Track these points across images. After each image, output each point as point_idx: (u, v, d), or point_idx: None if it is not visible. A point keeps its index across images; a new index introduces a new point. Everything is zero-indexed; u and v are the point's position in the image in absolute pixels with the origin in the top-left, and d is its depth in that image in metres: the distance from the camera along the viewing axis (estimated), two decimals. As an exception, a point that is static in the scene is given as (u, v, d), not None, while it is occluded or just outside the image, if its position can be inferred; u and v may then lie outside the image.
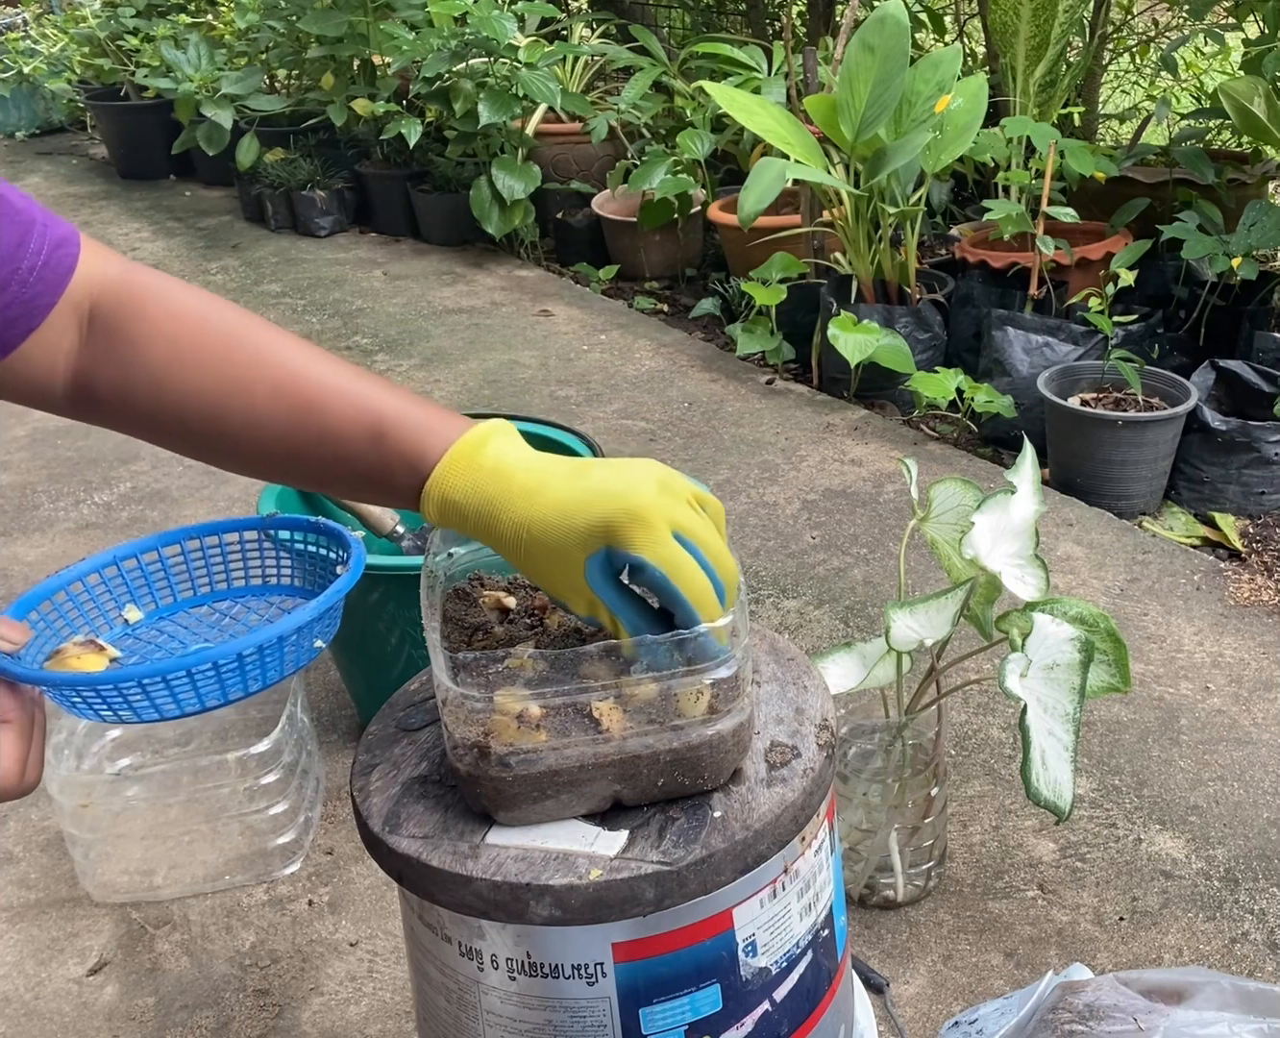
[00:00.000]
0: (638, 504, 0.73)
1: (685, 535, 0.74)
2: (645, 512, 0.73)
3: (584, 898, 0.71)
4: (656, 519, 0.73)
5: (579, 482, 0.75)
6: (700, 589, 0.73)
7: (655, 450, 2.75)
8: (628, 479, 0.75)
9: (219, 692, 0.74)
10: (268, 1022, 1.42)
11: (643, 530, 0.72)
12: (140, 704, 0.73)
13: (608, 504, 0.73)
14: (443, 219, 4.29)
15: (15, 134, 6.43)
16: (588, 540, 0.73)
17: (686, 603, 0.73)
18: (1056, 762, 1.20)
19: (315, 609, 0.76)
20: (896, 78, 2.68)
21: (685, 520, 0.74)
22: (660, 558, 0.72)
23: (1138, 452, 2.40)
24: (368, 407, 0.78)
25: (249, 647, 0.73)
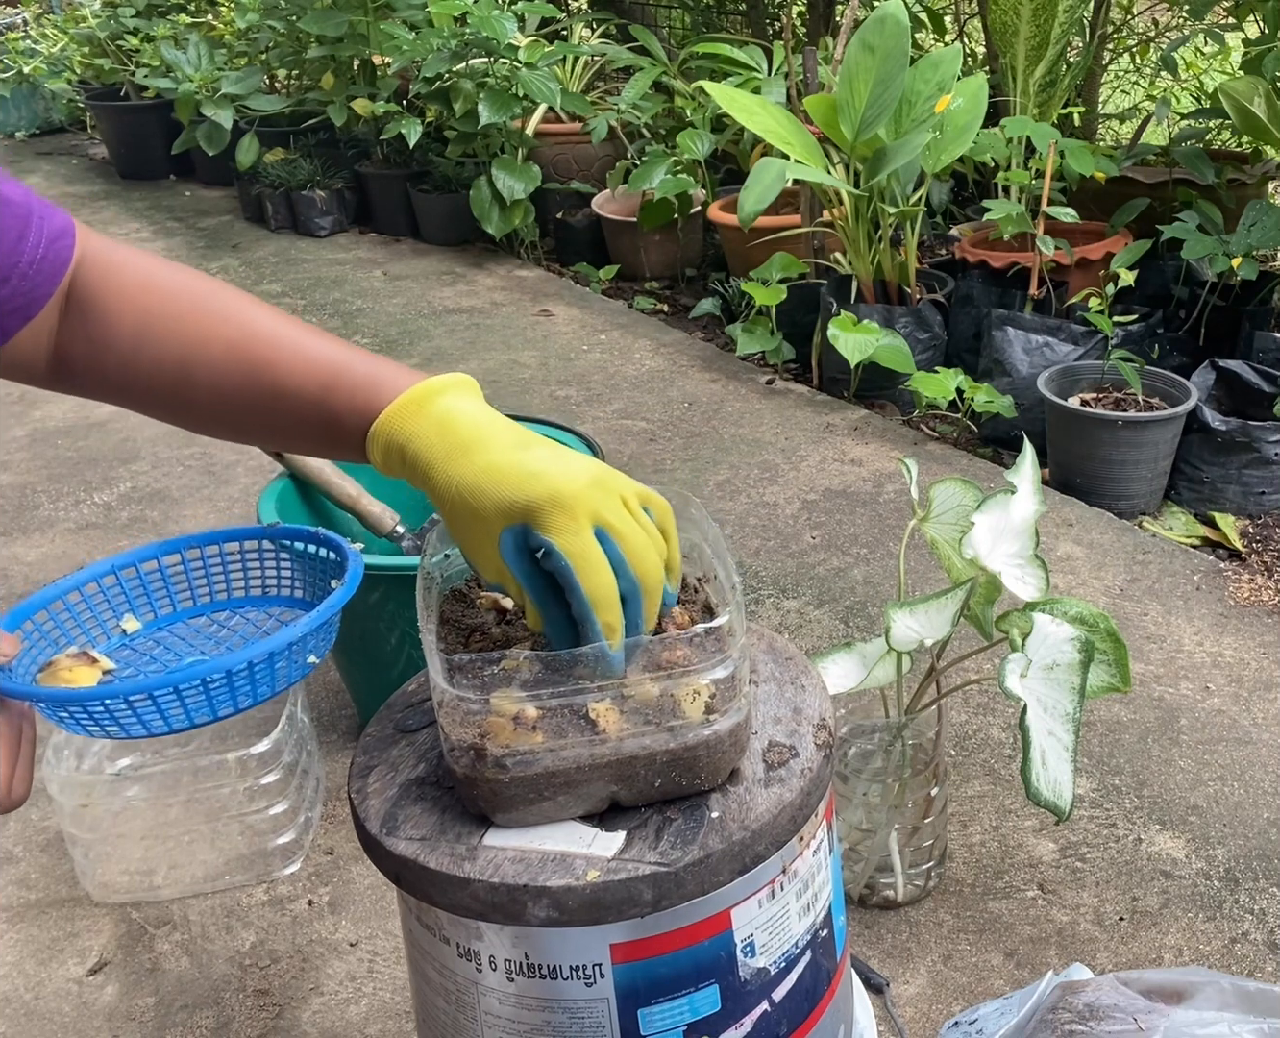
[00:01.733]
0: (563, 490, 0.72)
1: (608, 532, 0.73)
2: (568, 499, 0.72)
3: (581, 899, 0.71)
4: (578, 509, 0.72)
5: (517, 454, 0.74)
6: (602, 589, 0.72)
7: (655, 450, 2.75)
8: (564, 464, 0.74)
9: (208, 709, 0.74)
10: (268, 1022, 1.42)
11: (560, 516, 0.72)
12: (128, 721, 0.72)
13: (535, 483, 0.72)
14: (443, 219, 4.29)
15: (15, 134, 6.43)
16: (508, 512, 0.72)
17: (584, 599, 0.72)
18: (1056, 762, 1.19)
19: (307, 625, 0.75)
20: (896, 78, 2.68)
21: (611, 517, 0.73)
22: (569, 548, 0.71)
23: (1138, 452, 2.40)
24: (321, 357, 0.80)
25: (239, 663, 0.73)
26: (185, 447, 2.83)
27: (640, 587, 0.74)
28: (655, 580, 0.75)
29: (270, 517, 1.69)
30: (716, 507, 2.47)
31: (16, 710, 0.72)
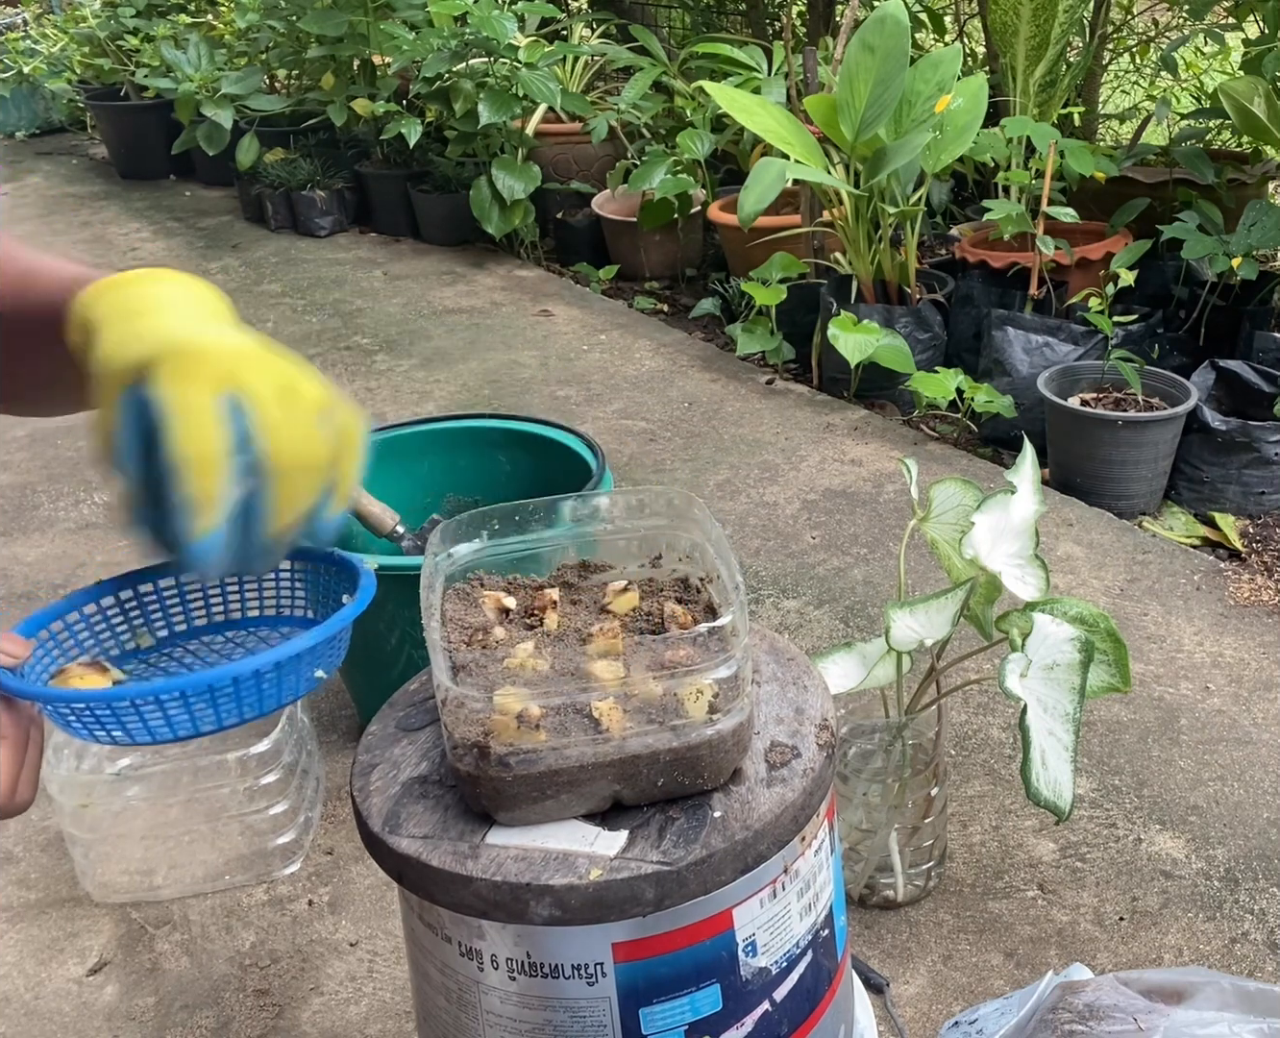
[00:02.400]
0: (194, 344, 0.60)
1: (243, 399, 0.60)
2: (194, 351, 0.60)
3: (584, 898, 0.71)
4: (203, 365, 0.60)
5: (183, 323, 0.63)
6: (197, 445, 0.58)
7: (655, 450, 2.75)
8: (210, 332, 0.63)
9: (213, 717, 0.73)
10: (268, 1022, 1.42)
11: (177, 367, 0.59)
12: (133, 725, 0.72)
13: (168, 336, 0.61)
14: (443, 219, 4.29)
15: (15, 134, 6.43)
16: (129, 368, 0.61)
17: (172, 456, 0.58)
18: (1056, 762, 1.20)
19: (313, 637, 0.74)
20: (896, 78, 2.68)
21: (252, 382, 0.60)
22: (170, 397, 0.59)
23: (1138, 452, 2.40)
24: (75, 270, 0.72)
25: (245, 672, 0.72)
26: (185, 446, 2.83)
27: (271, 467, 0.60)
28: (294, 458, 0.61)
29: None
30: (717, 507, 2.47)
31: (25, 715, 0.72)
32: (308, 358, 3.55)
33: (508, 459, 1.91)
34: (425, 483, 1.92)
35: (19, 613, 2.21)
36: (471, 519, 0.87)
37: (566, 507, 0.88)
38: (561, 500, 0.88)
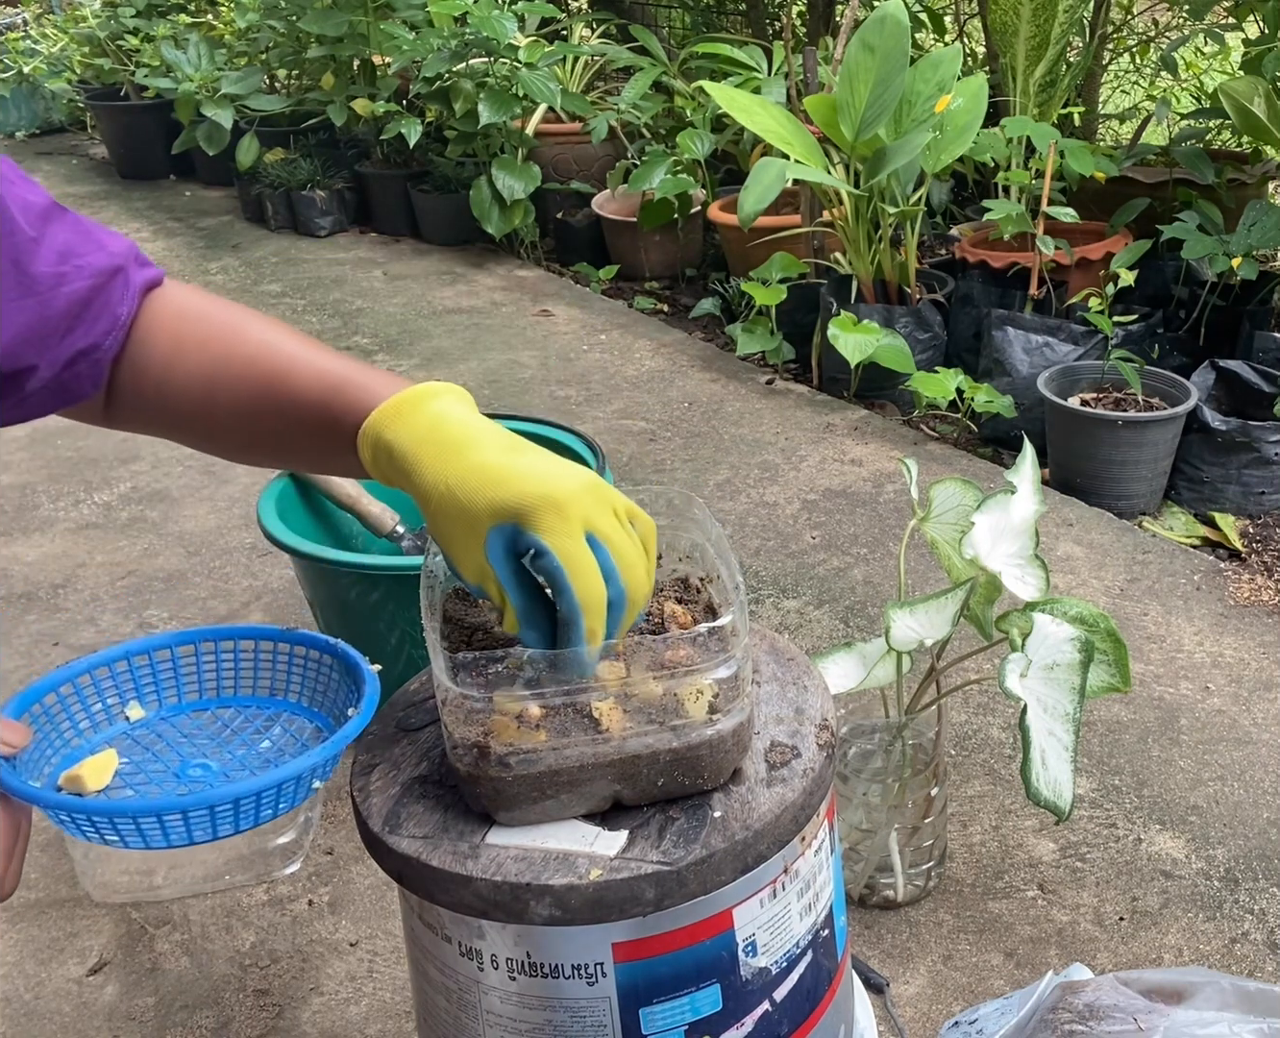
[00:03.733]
0: (558, 492, 0.71)
1: (599, 538, 0.72)
2: (563, 502, 0.71)
3: (584, 898, 0.71)
4: (572, 513, 0.71)
5: (509, 456, 0.74)
6: (593, 593, 0.71)
7: (655, 450, 2.75)
8: (557, 468, 0.74)
9: (209, 830, 0.74)
10: (268, 1022, 1.42)
11: (554, 517, 0.71)
12: (129, 835, 0.72)
13: (529, 485, 0.72)
14: (443, 219, 4.29)
15: (15, 134, 6.43)
16: (499, 511, 0.71)
17: (574, 602, 0.71)
18: (1056, 762, 1.20)
19: (318, 756, 0.76)
20: (896, 78, 2.68)
21: (602, 524, 0.73)
22: (562, 549, 0.71)
23: (1138, 452, 2.40)
24: (329, 367, 0.81)
25: (246, 793, 0.73)
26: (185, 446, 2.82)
27: (627, 596, 0.73)
28: (643, 593, 0.74)
29: (270, 517, 1.69)
30: (716, 507, 2.47)
31: (19, 806, 0.73)
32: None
33: (508, 459, 1.90)
34: (425, 483, 1.91)
35: (18, 613, 2.21)
36: (472, 519, 0.87)
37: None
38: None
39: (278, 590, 2.25)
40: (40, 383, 0.79)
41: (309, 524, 1.81)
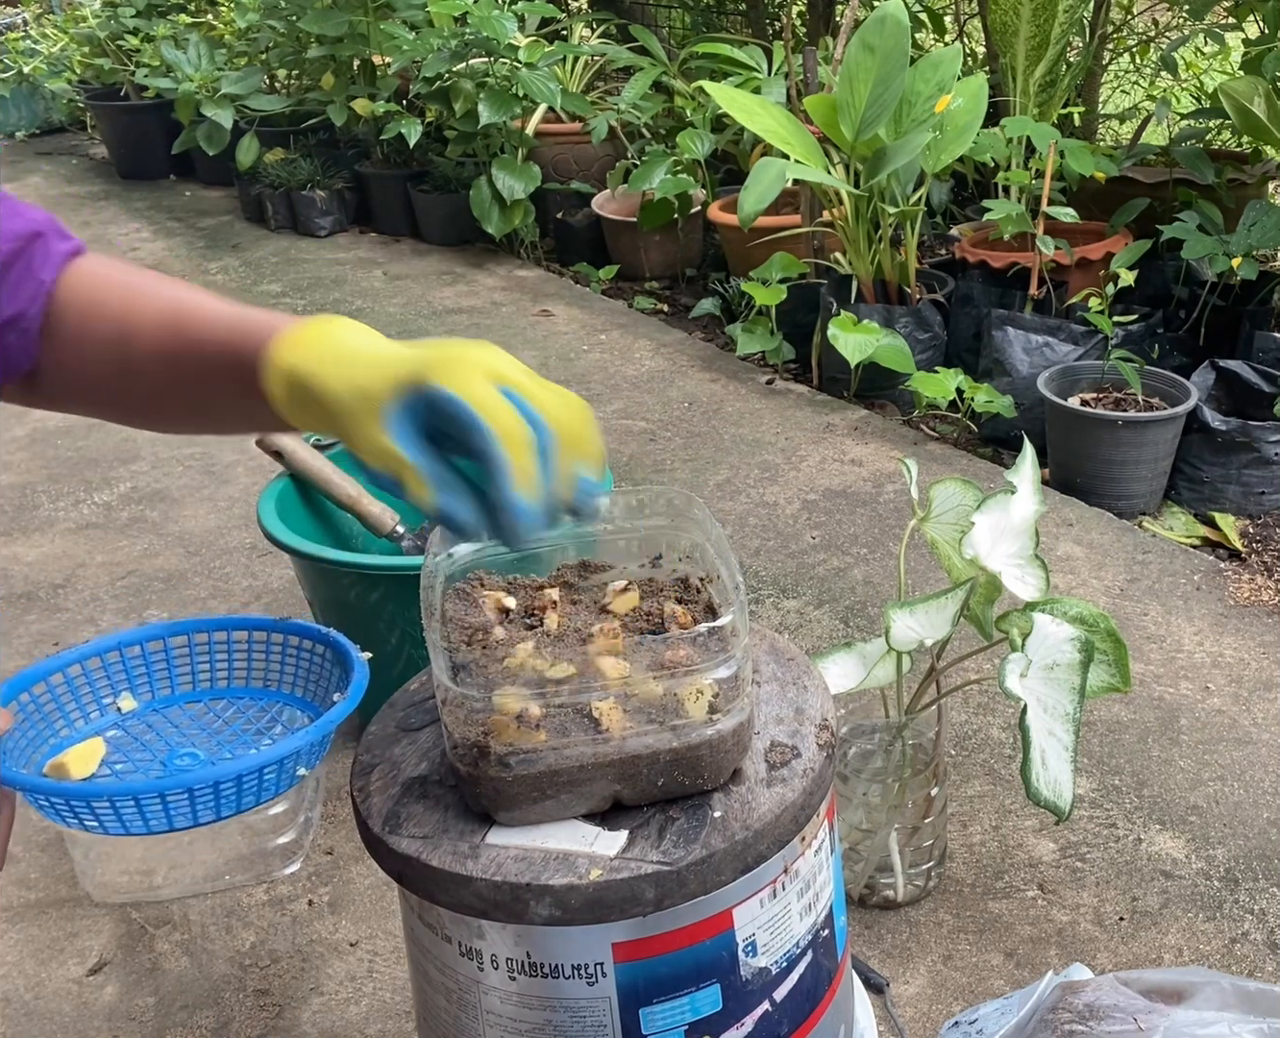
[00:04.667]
0: (456, 349, 0.69)
1: (512, 388, 0.68)
2: (461, 355, 0.69)
3: (584, 898, 0.71)
4: (473, 362, 0.68)
5: (411, 346, 0.71)
6: (511, 426, 0.66)
7: (655, 450, 2.75)
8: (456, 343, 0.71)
9: (189, 815, 0.73)
10: (268, 1022, 1.42)
11: (454, 368, 0.68)
12: (109, 820, 0.72)
13: (426, 350, 0.69)
14: (443, 219, 4.29)
15: (15, 134, 6.42)
16: (399, 383, 0.68)
17: (494, 439, 0.66)
18: (1056, 762, 1.20)
19: (300, 740, 0.75)
20: (896, 78, 2.68)
21: (515, 374, 0.69)
22: (467, 391, 0.66)
23: (1138, 452, 2.40)
24: (233, 312, 0.78)
25: (227, 777, 0.72)
26: (185, 447, 2.83)
27: (555, 435, 0.69)
28: (571, 431, 0.70)
29: (270, 517, 1.69)
30: (717, 507, 2.47)
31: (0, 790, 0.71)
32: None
33: (508, 459, 1.91)
34: (425, 483, 1.91)
35: (18, 613, 2.21)
36: (472, 519, 0.86)
37: (566, 507, 0.88)
38: (561, 500, 0.88)
39: (278, 590, 2.25)
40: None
41: (309, 524, 1.81)
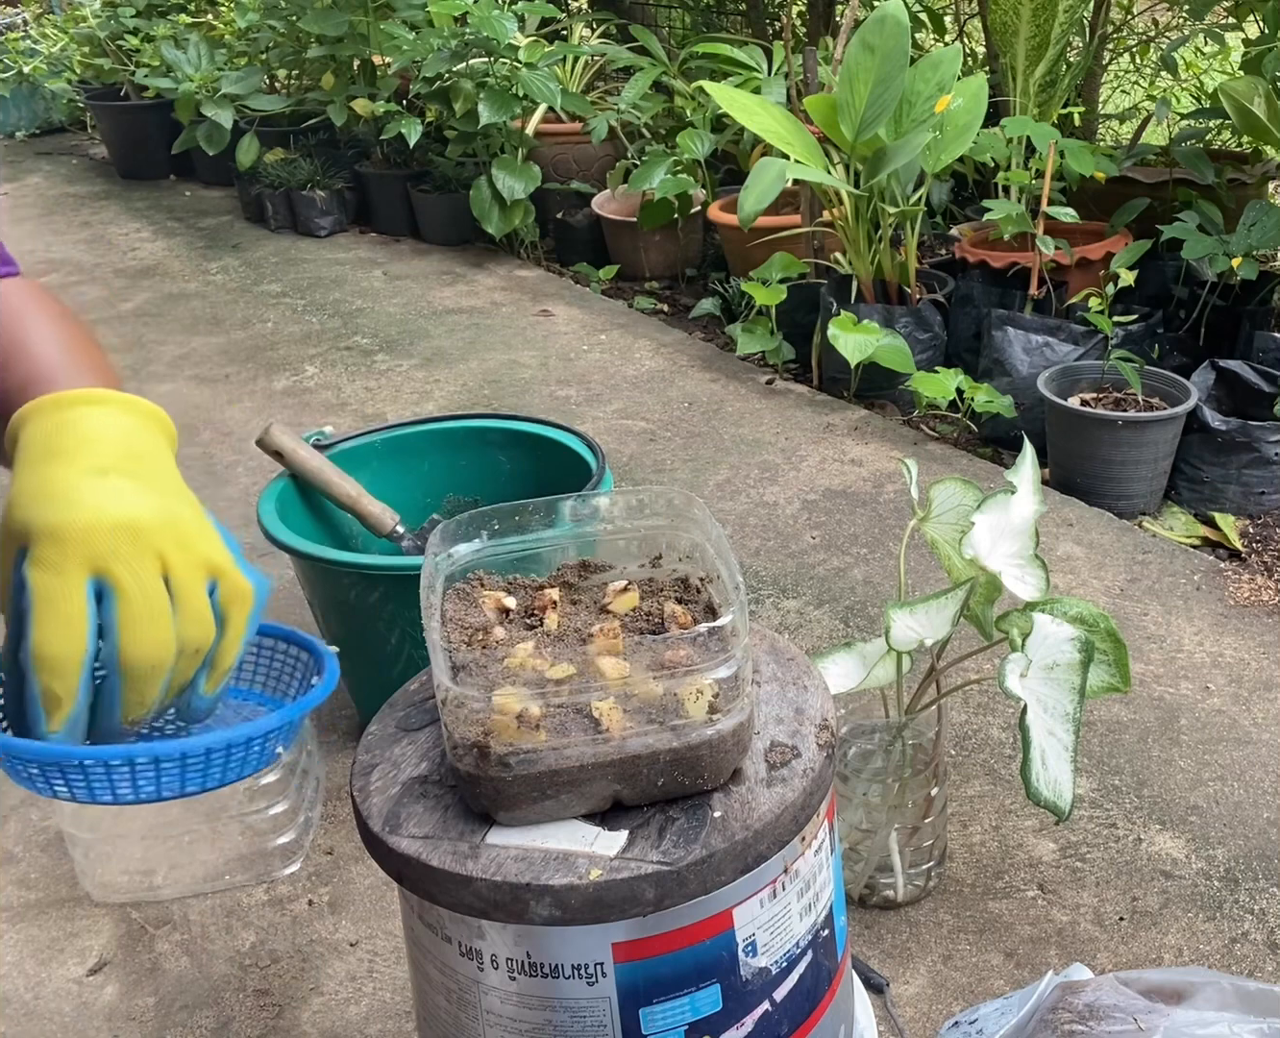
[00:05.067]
0: (69, 520, 0.60)
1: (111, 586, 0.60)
2: (67, 530, 0.60)
3: (584, 898, 0.71)
4: (73, 546, 0.60)
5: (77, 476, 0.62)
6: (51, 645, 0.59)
7: (655, 450, 2.75)
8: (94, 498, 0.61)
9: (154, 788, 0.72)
10: (268, 1022, 1.42)
11: (50, 548, 0.59)
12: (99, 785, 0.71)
13: (48, 507, 0.61)
14: (443, 219, 4.29)
15: (15, 134, 6.42)
16: (15, 533, 0.62)
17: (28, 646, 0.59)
18: (1056, 762, 1.20)
19: (288, 714, 0.76)
20: (896, 78, 2.68)
21: (120, 569, 0.60)
22: (39, 584, 0.59)
23: (1138, 452, 2.40)
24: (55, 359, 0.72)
25: (218, 744, 0.72)
26: (185, 447, 2.82)
27: (120, 666, 0.61)
28: (145, 662, 0.61)
29: (270, 517, 1.69)
30: (716, 507, 2.47)
31: None
32: (308, 358, 3.53)
33: (508, 459, 1.91)
34: (425, 483, 1.92)
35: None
36: (471, 519, 0.87)
37: (566, 507, 0.88)
38: (561, 500, 0.88)
39: (277, 591, 2.25)
40: None
41: (309, 524, 1.81)
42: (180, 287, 4.02)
